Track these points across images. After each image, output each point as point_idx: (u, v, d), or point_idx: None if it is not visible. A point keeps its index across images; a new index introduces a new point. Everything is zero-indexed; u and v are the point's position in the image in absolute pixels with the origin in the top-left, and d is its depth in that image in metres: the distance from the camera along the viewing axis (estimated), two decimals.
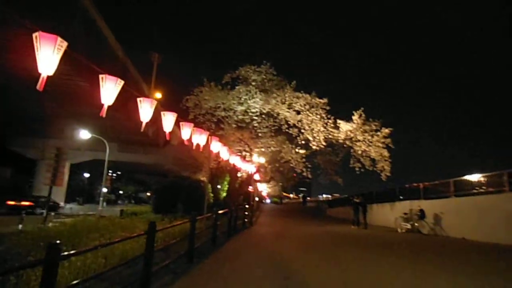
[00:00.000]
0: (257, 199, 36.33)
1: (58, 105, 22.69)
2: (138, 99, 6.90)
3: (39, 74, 3.97)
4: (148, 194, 63.28)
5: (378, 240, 13.37)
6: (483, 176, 13.58)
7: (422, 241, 13.17)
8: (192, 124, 9.02)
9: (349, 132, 19.58)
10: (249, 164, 18.65)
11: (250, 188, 36.27)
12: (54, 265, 2.87)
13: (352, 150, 21.27)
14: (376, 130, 19.06)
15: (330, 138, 20.45)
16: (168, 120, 8.09)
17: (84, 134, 23.23)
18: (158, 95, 36.77)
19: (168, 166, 36.41)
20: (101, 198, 24.69)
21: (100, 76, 5.43)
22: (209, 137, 10.44)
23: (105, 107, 5.39)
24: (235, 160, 15.61)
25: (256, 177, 26.84)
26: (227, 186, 23.16)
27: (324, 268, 7.35)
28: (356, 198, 18.92)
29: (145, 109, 6.82)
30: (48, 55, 4.01)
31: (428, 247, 11.45)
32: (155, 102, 7.05)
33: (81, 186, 53.73)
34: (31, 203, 24.12)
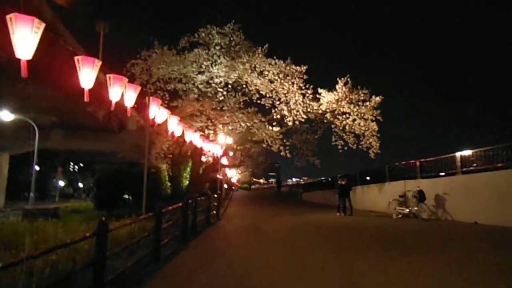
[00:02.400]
0: (226, 186, 33.14)
1: None
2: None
3: None
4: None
5: (376, 231, 10.65)
6: (502, 148, 11.08)
7: (431, 229, 10.58)
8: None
9: (332, 104, 16.64)
10: (214, 145, 15.30)
11: (219, 175, 32.99)
12: None
13: (333, 126, 18.46)
14: (364, 101, 16.22)
15: (309, 111, 17.46)
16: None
17: (5, 115, 18.73)
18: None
19: (124, 154, 32.18)
20: (31, 194, 20.42)
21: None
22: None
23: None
24: (196, 139, 12.24)
25: (224, 161, 23.55)
26: (189, 173, 19.73)
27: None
28: (341, 179, 16.15)
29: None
30: None
31: (442, 237, 8.78)
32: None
33: (30, 181, 47.91)
34: None
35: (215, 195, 14.58)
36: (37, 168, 49.92)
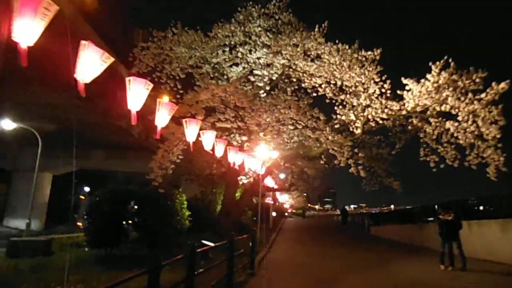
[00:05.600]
0: (274, 214, 28.08)
1: None
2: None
3: None
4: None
5: None
6: None
7: None
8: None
9: (423, 99, 11.21)
10: (250, 158, 10.70)
11: (268, 200, 28.14)
12: None
13: (422, 135, 12.97)
14: (476, 92, 10.58)
15: (388, 114, 12.26)
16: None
17: (7, 124, 15.86)
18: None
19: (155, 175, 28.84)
20: (27, 220, 17.21)
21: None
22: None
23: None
24: (233, 154, 7.76)
25: (270, 183, 18.76)
26: (221, 197, 15.27)
27: None
28: (445, 213, 10.50)
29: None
30: None
31: None
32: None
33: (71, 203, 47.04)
34: None
35: (252, 233, 9.79)
36: (86, 189, 49.39)
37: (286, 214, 55.12)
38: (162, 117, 5.53)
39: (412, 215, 18.32)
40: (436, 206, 17.01)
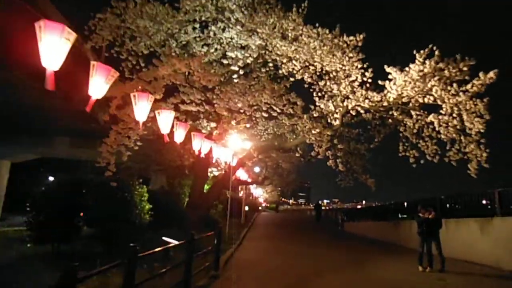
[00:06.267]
0: (247, 208, 27.17)
1: None
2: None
3: None
4: None
5: None
6: None
7: None
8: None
9: (405, 89, 10.49)
10: (220, 147, 9.64)
11: (241, 193, 27.37)
12: None
13: (402, 129, 12.37)
14: (462, 82, 9.95)
15: (370, 105, 11.54)
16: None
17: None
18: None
19: (126, 165, 27.26)
20: None
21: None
22: None
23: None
24: (180, 134, 6.66)
25: (243, 176, 17.79)
26: (188, 190, 14.14)
27: None
28: (425, 211, 9.89)
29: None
30: None
31: None
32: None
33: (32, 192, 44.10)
34: None
35: (218, 229, 8.78)
36: (51, 179, 46.70)
37: (260, 208, 54.43)
38: (98, 86, 4.41)
39: (387, 212, 17.87)
40: (405, 204, 16.63)
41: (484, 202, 11.70)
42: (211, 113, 9.32)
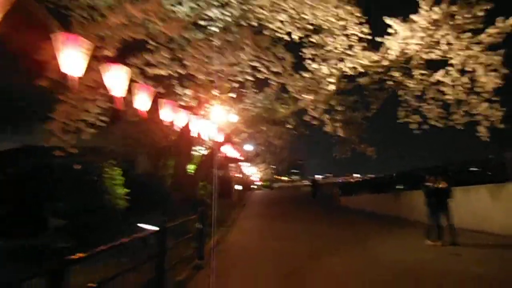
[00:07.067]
0: (240, 187, 26.16)
1: None
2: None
3: None
4: None
5: None
6: None
7: None
8: None
9: (411, 42, 9.23)
10: (201, 120, 8.40)
11: (232, 172, 26.33)
12: None
13: (403, 92, 11.19)
14: (474, 32, 8.72)
15: (368, 66, 10.26)
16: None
17: None
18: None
19: (112, 148, 25.82)
20: None
21: None
22: None
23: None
24: (143, 101, 5.35)
25: (233, 153, 16.60)
26: (172, 170, 12.97)
27: None
28: (435, 180, 8.91)
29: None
30: None
31: None
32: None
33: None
34: None
35: (200, 211, 7.69)
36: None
37: (252, 186, 53.71)
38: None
39: (380, 184, 16.98)
40: (394, 175, 15.71)
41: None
42: (186, 76, 8.00)
